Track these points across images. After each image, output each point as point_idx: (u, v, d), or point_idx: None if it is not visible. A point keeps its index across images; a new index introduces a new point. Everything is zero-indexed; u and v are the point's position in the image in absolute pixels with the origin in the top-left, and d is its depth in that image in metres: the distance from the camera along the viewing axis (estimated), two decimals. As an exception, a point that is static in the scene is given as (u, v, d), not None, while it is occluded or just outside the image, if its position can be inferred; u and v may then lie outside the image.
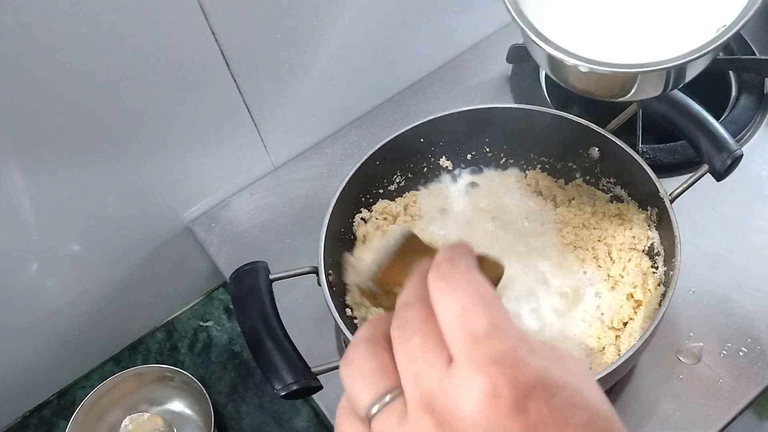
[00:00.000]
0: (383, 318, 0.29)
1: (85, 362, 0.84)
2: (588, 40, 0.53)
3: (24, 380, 0.79)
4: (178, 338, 0.85)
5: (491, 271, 0.31)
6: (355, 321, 0.62)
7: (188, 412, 0.79)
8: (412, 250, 0.49)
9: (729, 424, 0.63)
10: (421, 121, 0.65)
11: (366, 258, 0.50)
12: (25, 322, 0.74)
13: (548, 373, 0.23)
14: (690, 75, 0.54)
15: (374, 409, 0.26)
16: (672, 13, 0.53)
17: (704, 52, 0.49)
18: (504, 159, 0.72)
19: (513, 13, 0.52)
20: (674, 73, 0.52)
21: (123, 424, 0.75)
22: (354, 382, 0.27)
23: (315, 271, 0.59)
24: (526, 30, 0.52)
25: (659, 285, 0.60)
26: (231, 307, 0.87)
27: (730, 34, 0.49)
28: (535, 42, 0.51)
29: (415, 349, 0.26)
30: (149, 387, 0.79)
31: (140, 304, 0.84)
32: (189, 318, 0.87)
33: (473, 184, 0.71)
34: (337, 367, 0.55)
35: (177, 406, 0.80)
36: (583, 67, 0.50)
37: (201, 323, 0.86)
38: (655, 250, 0.62)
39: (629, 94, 0.55)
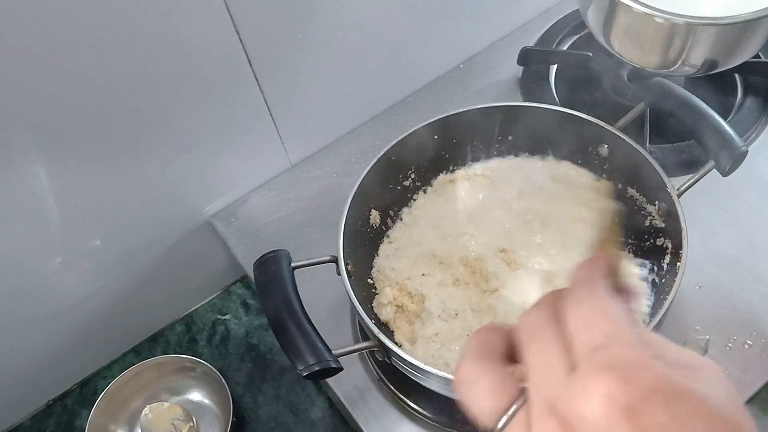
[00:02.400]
0: (490, 330, 0.30)
1: (106, 353, 0.87)
2: None
3: (47, 370, 0.81)
4: (197, 331, 0.88)
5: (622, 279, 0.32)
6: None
7: (207, 402, 0.81)
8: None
9: (734, 414, 0.65)
10: (437, 118, 0.68)
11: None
12: (48, 313, 0.76)
13: (670, 379, 0.24)
14: (744, 50, 0.56)
15: (501, 423, 0.27)
16: None
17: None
18: (516, 156, 0.74)
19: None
20: (727, 41, 0.54)
21: (143, 412, 0.77)
22: (477, 401, 0.28)
23: (334, 260, 0.61)
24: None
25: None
26: (248, 301, 0.89)
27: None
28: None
29: (537, 354, 0.27)
30: (169, 377, 0.81)
31: (160, 298, 0.86)
32: (207, 311, 0.89)
33: (486, 178, 0.73)
34: (355, 351, 0.57)
35: (196, 396, 0.82)
36: (659, 18, 0.52)
37: (219, 316, 0.88)
38: (662, 243, 0.64)
39: (677, 63, 0.57)
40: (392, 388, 0.67)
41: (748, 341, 0.67)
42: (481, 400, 0.28)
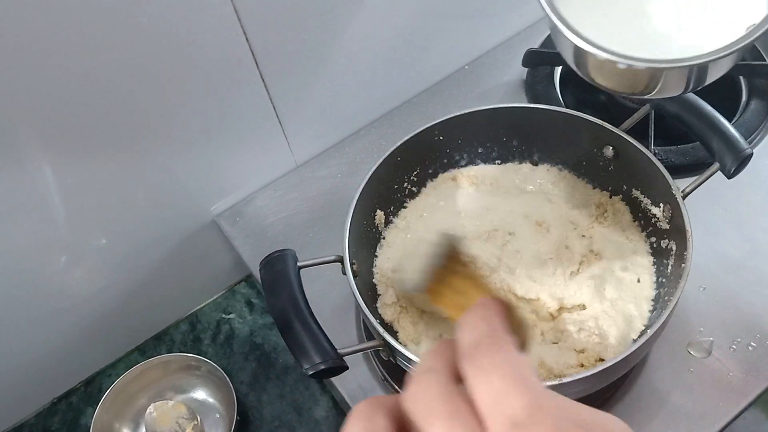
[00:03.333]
0: (372, 408, 0.27)
1: (111, 351, 0.87)
2: (615, 34, 0.54)
3: (53, 367, 0.82)
4: (201, 330, 0.88)
5: (518, 331, 0.29)
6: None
7: (211, 400, 0.82)
8: (452, 256, 0.49)
9: (738, 416, 0.65)
10: (442, 119, 0.68)
11: (411, 266, 0.50)
12: (53, 311, 0.77)
13: None
14: (713, 76, 0.55)
15: None
16: (701, 10, 0.55)
17: (731, 50, 0.50)
18: (521, 157, 0.74)
19: (545, 6, 0.53)
20: (697, 72, 0.53)
21: (148, 411, 0.77)
22: None
23: (340, 260, 0.61)
24: (557, 23, 0.53)
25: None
26: (253, 300, 0.90)
27: (760, 33, 0.49)
28: (565, 35, 0.53)
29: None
30: (174, 375, 0.82)
31: (165, 297, 0.86)
32: (212, 310, 0.89)
33: (490, 178, 0.74)
34: (360, 350, 0.57)
35: (200, 394, 0.82)
36: (622, 64, 0.51)
37: (223, 315, 0.89)
38: (667, 245, 0.65)
39: (652, 92, 0.56)
40: (396, 387, 0.68)
41: (752, 343, 0.67)
42: None
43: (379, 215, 0.70)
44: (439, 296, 0.43)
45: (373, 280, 0.68)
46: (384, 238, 0.71)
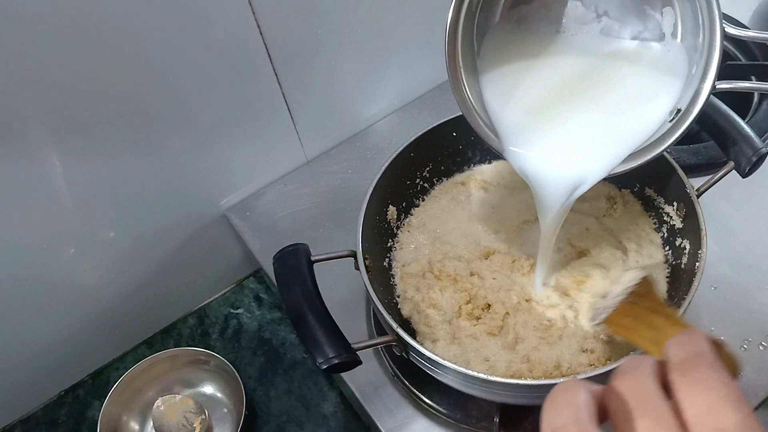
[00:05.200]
0: (578, 388, 0.28)
1: (119, 345, 0.87)
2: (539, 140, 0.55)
3: (60, 360, 0.82)
4: (210, 324, 0.88)
5: (727, 362, 0.30)
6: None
7: (219, 395, 0.81)
8: (644, 296, 0.53)
9: (749, 415, 0.65)
10: (456, 115, 0.68)
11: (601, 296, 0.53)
12: (61, 304, 0.77)
13: None
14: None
15: None
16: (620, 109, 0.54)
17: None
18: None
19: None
20: None
21: (155, 404, 0.77)
22: None
23: (353, 254, 0.61)
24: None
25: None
26: (261, 295, 0.89)
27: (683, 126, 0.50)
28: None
29: (652, 428, 0.25)
30: (182, 369, 0.81)
31: (173, 291, 0.86)
32: (220, 305, 0.89)
33: (506, 176, 0.74)
34: (373, 345, 0.57)
35: (209, 389, 0.82)
36: None
37: (232, 310, 0.89)
38: (680, 244, 0.64)
39: None
40: (407, 383, 0.67)
41: (763, 343, 0.67)
42: None
43: (392, 211, 0.70)
44: (624, 329, 0.49)
45: (392, 282, 0.68)
46: (397, 236, 0.71)
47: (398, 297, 0.67)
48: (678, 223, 0.65)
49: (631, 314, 0.52)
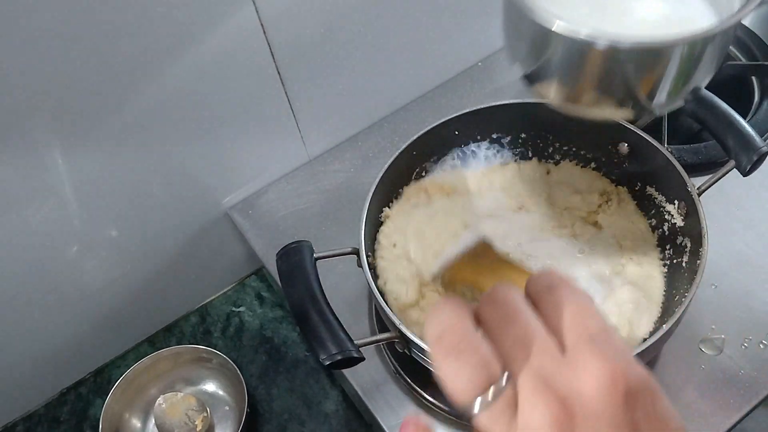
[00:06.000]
0: (459, 303, 0.29)
1: (121, 342, 0.87)
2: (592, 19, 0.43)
3: (62, 358, 0.82)
4: (211, 322, 0.88)
5: None
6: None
7: (221, 393, 0.82)
8: (483, 255, 0.54)
9: (749, 413, 0.65)
10: (458, 114, 0.68)
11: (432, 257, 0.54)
12: (64, 302, 0.77)
13: (651, 379, 0.26)
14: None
15: (478, 405, 0.26)
16: None
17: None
18: (535, 152, 0.75)
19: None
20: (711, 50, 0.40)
21: (157, 402, 0.77)
22: (457, 376, 0.26)
23: (356, 252, 0.61)
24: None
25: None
26: (263, 294, 0.90)
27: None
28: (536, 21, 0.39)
29: (524, 334, 0.27)
30: (185, 367, 0.82)
31: (175, 289, 0.86)
32: (222, 303, 0.90)
33: (505, 174, 0.74)
34: (376, 341, 0.57)
35: (210, 387, 0.82)
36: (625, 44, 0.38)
37: (233, 308, 0.89)
38: (681, 242, 0.65)
39: (653, 96, 0.42)
40: (409, 380, 0.68)
41: (764, 341, 0.68)
42: (466, 375, 0.26)
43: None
44: (469, 279, 0.49)
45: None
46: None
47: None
48: (679, 222, 0.65)
49: (470, 268, 0.55)
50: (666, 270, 0.67)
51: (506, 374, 0.26)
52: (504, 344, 0.27)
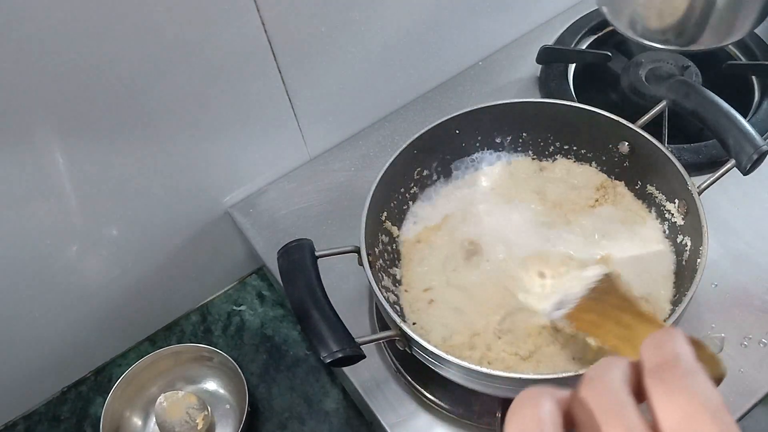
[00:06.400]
0: (543, 396, 0.26)
1: (121, 341, 0.87)
2: None
3: (63, 357, 0.82)
4: (212, 321, 0.88)
5: (709, 365, 0.27)
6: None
7: (222, 391, 0.82)
8: (608, 292, 0.51)
9: (748, 412, 0.65)
10: (460, 113, 0.68)
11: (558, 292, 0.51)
12: (64, 300, 0.77)
13: None
14: None
15: None
16: None
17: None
18: (536, 151, 0.75)
19: None
20: None
21: (158, 401, 0.77)
22: None
23: (357, 250, 0.61)
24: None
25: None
26: (263, 293, 0.90)
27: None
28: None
29: None
30: (185, 366, 0.82)
31: (176, 288, 0.86)
32: (223, 302, 0.90)
33: (507, 173, 0.74)
34: (377, 339, 0.57)
35: (211, 385, 0.82)
36: None
37: (234, 307, 0.89)
38: (682, 240, 0.65)
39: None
40: (409, 378, 0.68)
41: (763, 340, 0.68)
42: None
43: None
44: (590, 325, 0.47)
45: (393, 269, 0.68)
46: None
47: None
48: (679, 221, 0.65)
49: (596, 311, 0.50)
50: (674, 265, 0.66)
51: None
52: None
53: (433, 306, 0.65)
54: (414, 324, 0.64)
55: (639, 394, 0.25)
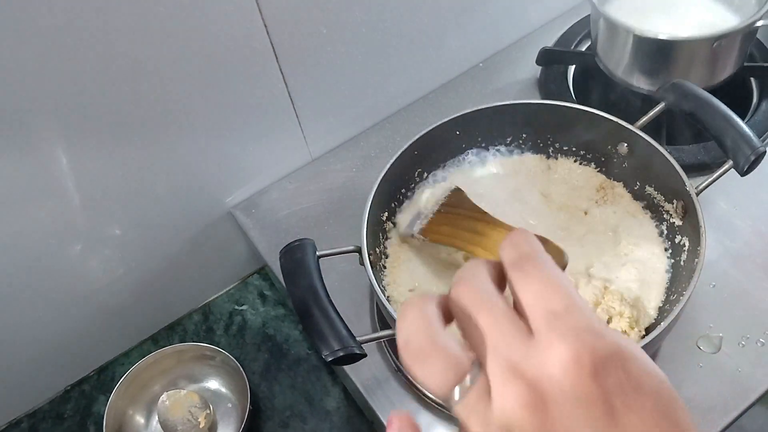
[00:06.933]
0: (425, 300, 0.30)
1: (124, 340, 0.88)
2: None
3: (66, 355, 0.83)
4: (214, 320, 0.89)
5: (556, 256, 0.32)
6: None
7: (224, 390, 0.82)
8: (458, 205, 0.54)
9: (746, 410, 0.66)
10: (460, 114, 0.69)
11: (412, 210, 0.55)
12: (67, 300, 0.78)
13: (621, 344, 0.26)
14: None
15: (457, 395, 0.27)
16: None
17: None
18: (536, 152, 0.75)
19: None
20: None
21: (161, 399, 0.78)
22: (431, 376, 0.27)
23: (358, 250, 0.62)
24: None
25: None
26: (265, 292, 0.90)
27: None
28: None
29: (491, 322, 0.27)
30: (188, 364, 0.82)
31: (179, 287, 0.87)
32: (225, 302, 0.90)
33: (506, 173, 0.75)
34: (378, 338, 0.58)
35: (213, 384, 0.83)
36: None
37: (236, 307, 0.90)
38: (680, 241, 0.65)
39: None
40: (410, 377, 0.68)
41: (761, 339, 0.68)
42: (436, 375, 0.27)
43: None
44: (444, 236, 0.49)
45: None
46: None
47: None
48: (677, 221, 0.66)
49: (448, 222, 0.54)
50: (666, 269, 0.67)
51: (478, 364, 0.27)
52: (473, 334, 0.28)
53: None
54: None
55: (501, 287, 0.30)
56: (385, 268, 0.69)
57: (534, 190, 0.73)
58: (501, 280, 0.30)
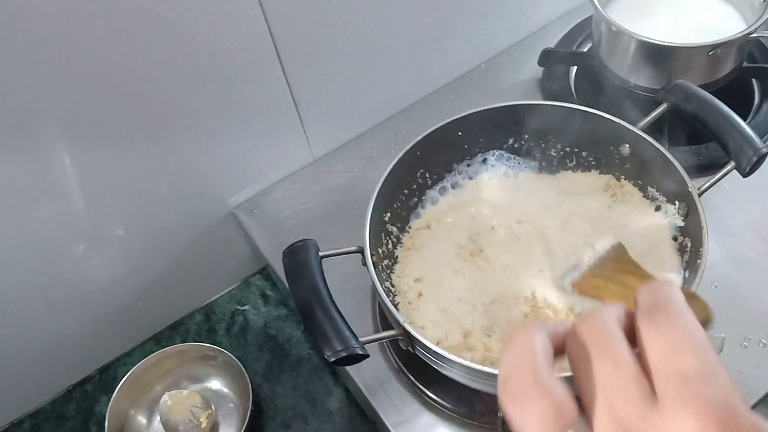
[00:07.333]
0: (537, 331, 0.27)
1: (126, 340, 0.88)
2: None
3: (68, 355, 0.83)
4: (216, 321, 0.89)
5: (698, 312, 0.28)
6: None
7: (225, 390, 0.82)
8: (615, 259, 0.53)
9: (749, 411, 0.66)
10: (462, 115, 0.69)
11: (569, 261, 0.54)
12: (70, 299, 0.78)
13: (758, 427, 0.22)
14: None
15: None
16: None
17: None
18: (539, 153, 0.75)
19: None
20: None
21: (162, 399, 0.78)
22: (529, 423, 0.24)
23: (360, 250, 0.62)
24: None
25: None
26: (267, 292, 0.90)
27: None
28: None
29: (610, 371, 0.24)
30: (190, 365, 0.82)
31: (181, 287, 0.87)
32: (227, 302, 0.90)
33: (508, 175, 0.75)
34: (380, 339, 0.58)
35: (215, 384, 0.83)
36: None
37: (238, 307, 0.90)
38: (682, 242, 0.66)
39: None
40: (412, 378, 0.69)
41: (763, 340, 0.68)
42: (535, 421, 0.24)
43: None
44: (592, 288, 0.49)
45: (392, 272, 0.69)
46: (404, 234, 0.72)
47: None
48: (679, 222, 0.66)
49: (601, 276, 0.53)
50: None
51: (583, 419, 0.25)
52: (587, 380, 0.25)
53: (422, 300, 0.66)
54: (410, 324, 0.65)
55: (632, 338, 0.26)
56: (387, 268, 0.69)
57: (539, 203, 0.73)
58: (634, 332, 0.26)
